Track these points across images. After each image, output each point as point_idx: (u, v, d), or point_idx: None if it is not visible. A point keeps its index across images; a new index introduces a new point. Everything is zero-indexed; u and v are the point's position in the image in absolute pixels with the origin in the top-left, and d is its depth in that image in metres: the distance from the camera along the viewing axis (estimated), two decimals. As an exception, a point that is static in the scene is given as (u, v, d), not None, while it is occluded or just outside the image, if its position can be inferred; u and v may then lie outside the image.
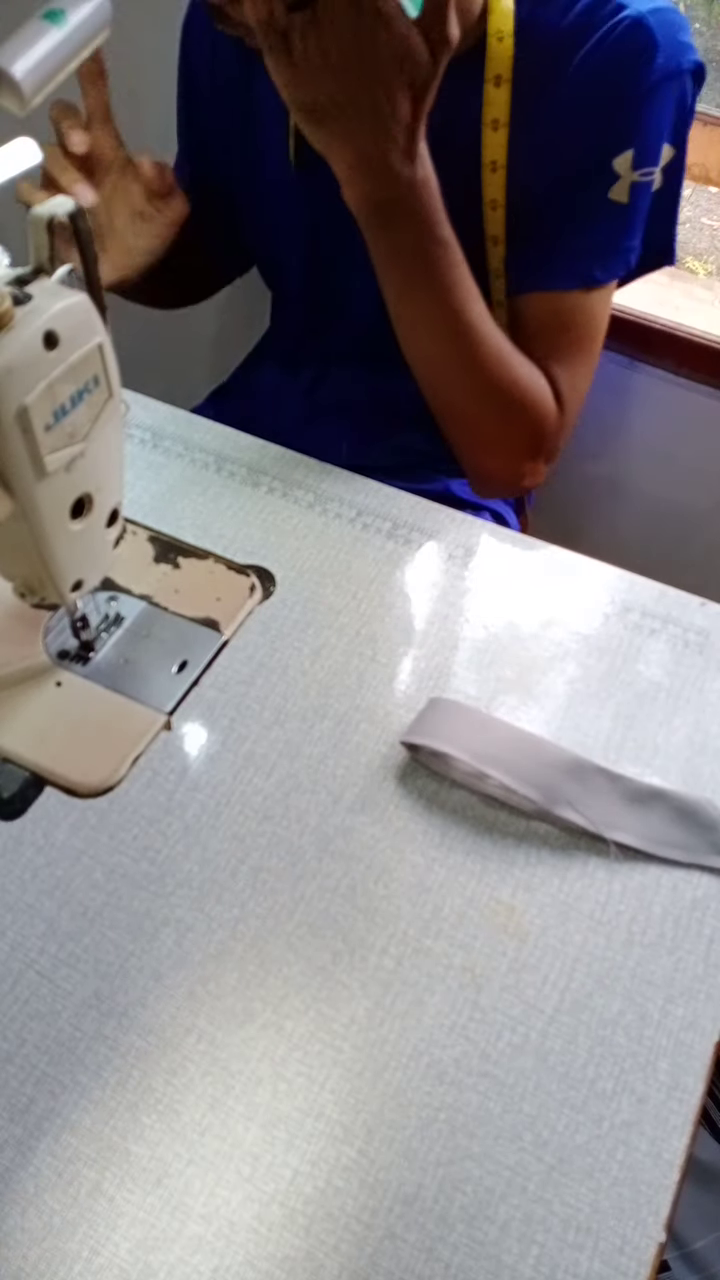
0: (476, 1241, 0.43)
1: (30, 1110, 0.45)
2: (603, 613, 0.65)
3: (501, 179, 0.72)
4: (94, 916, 0.51)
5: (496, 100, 0.69)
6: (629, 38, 0.66)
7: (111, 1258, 0.42)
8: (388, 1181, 0.44)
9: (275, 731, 0.58)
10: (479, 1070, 0.47)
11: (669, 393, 1.05)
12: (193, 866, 0.52)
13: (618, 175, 0.70)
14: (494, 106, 0.69)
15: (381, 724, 0.59)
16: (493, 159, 0.71)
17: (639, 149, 0.69)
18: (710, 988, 0.50)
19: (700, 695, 0.61)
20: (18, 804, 0.54)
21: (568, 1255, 0.42)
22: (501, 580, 0.67)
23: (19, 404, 0.42)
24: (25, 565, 0.51)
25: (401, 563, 0.67)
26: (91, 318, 0.45)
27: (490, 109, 0.69)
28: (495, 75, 0.68)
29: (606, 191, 0.71)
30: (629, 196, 0.71)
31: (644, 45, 0.66)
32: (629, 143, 0.69)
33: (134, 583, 0.65)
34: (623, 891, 0.53)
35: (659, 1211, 0.44)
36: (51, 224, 0.43)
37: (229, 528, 0.69)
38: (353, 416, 0.88)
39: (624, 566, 0.68)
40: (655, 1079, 0.47)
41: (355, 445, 0.85)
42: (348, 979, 0.49)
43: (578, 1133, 0.45)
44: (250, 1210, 0.43)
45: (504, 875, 0.53)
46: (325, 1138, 0.45)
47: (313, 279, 0.86)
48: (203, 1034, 0.47)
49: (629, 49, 0.66)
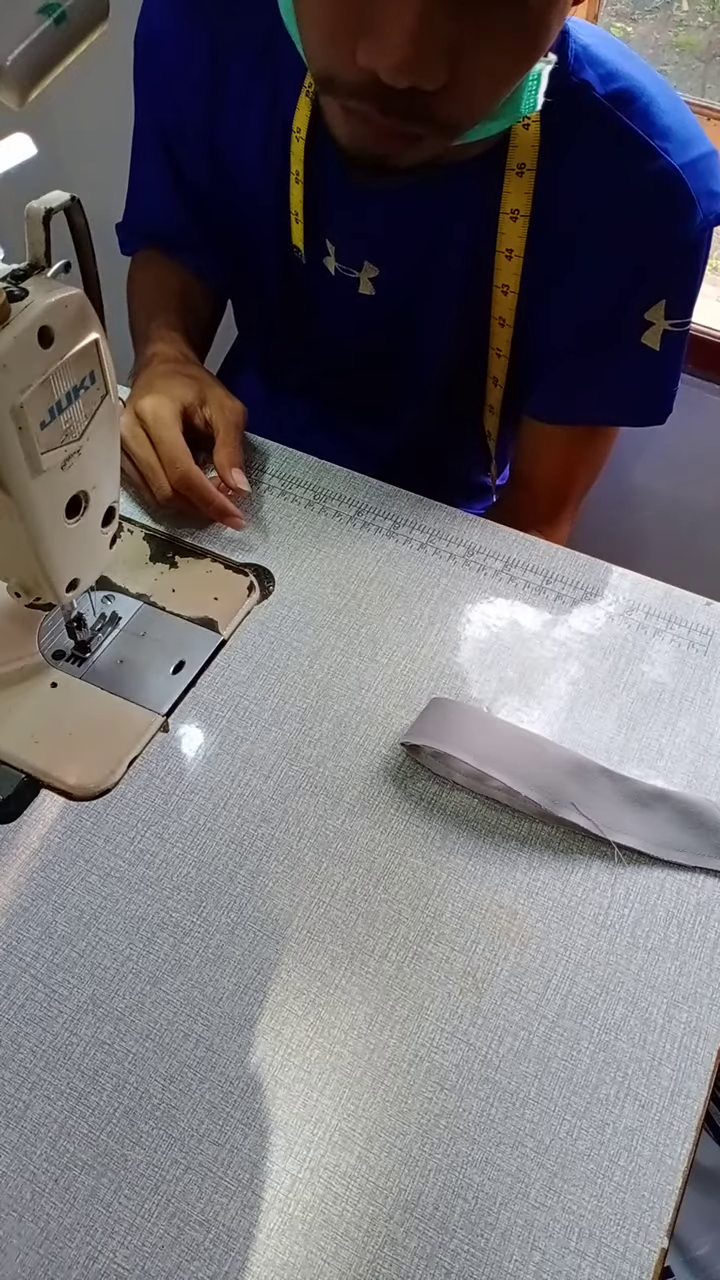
0: (477, 1248, 0.42)
1: (26, 1115, 0.45)
2: (606, 612, 0.65)
3: (513, 300, 0.70)
4: (90, 920, 0.50)
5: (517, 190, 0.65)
6: (666, 193, 0.63)
7: (109, 1264, 0.41)
8: (387, 1188, 0.43)
9: (274, 733, 0.58)
10: (480, 1076, 0.46)
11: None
12: (190, 870, 0.52)
13: (650, 323, 0.69)
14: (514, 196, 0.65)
15: (381, 725, 0.58)
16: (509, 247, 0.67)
17: (672, 301, 0.68)
18: (714, 992, 0.49)
19: (705, 696, 0.60)
20: (13, 807, 0.53)
21: (569, 1261, 0.42)
22: (504, 579, 0.66)
23: (14, 401, 0.41)
24: (20, 564, 0.50)
25: (402, 562, 0.67)
26: (87, 314, 0.44)
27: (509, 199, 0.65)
28: (519, 164, 0.64)
29: (639, 336, 0.69)
30: (660, 344, 0.69)
31: (682, 204, 0.63)
32: (662, 294, 0.67)
33: (130, 582, 0.64)
34: (626, 895, 0.52)
35: (661, 1217, 0.43)
36: (48, 218, 0.43)
37: (227, 527, 0.69)
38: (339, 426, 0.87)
39: (628, 565, 0.68)
40: (658, 1084, 0.46)
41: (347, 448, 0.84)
42: (347, 984, 0.49)
43: (580, 1139, 0.45)
44: (248, 1217, 0.42)
45: (505, 879, 0.52)
46: (324, 1144, 0.44)
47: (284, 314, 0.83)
48: (200, 1039, 0.47)
49: (665, 205, 0.64)
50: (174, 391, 0.68)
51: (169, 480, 0.65)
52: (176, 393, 0.68)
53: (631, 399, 0.75)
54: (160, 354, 0.73)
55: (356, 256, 0.72)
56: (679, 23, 1.28)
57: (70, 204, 0.43)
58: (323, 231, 0.72)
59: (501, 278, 0.69)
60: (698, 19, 1.26)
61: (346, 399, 0.84)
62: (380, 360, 0.79)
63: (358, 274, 0.73)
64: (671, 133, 0.63)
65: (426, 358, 0.77)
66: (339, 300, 0.76)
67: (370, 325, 0.76)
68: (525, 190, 0.64)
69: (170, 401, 0.67)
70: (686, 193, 0.63)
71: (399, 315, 0.74)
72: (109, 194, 0.82)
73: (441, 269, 0.70)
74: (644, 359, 0.70)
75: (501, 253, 0.67)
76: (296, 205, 0.71)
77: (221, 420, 0.68)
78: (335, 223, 0.71)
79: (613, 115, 0.62)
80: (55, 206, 0.42)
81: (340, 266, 0.73)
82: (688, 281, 0.68)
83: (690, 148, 0.63)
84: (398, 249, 0.71)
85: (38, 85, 0.46)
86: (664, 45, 1.27)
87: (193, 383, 0.69)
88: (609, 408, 0.76)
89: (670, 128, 0.63)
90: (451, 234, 0.68)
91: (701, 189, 0.64)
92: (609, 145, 0.63)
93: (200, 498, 0.65)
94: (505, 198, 0.65)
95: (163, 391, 0.67)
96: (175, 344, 0.75)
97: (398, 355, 0.78)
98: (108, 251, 0.55)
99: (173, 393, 0.68)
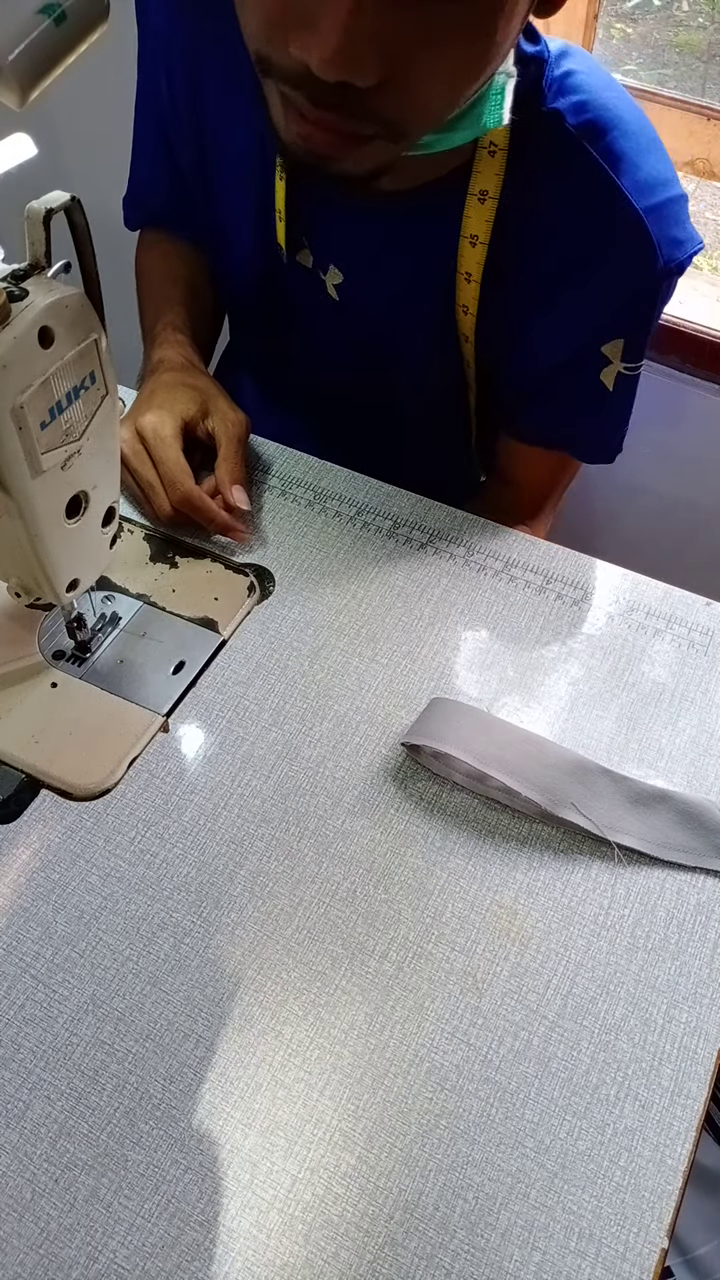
0: (477, 1249, 0.42)
1: (26, 1116, 0.45)
2: (606, 612, 0.65)
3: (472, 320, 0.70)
4: (90, 921, 0.50)
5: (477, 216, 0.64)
6: (627, 236, 0.62)
7: (109, 1264, 0.41)
8: (388, 1188, 0.43)
9: (274, 733, 0.58)
10: (480, 1076, 0.46)
11: (673, 389, 1.05)
12: (190, 870, 0.52)
13: (608, 360, 0.68)
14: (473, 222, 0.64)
15: (381, 725, 0.58)
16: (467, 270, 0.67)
17: (629, 343, 0.67)
18: (714, 993, 0.49)
19: (705, 696, 0.60)
20: (13, 806, 0.53)
21: (570, 1262, 0.42)
22: (504, 579, 0.66)
23: (14, 401, 0.41)
24: (20, 565, 0.50)
25: (402, 561, 0.67)
26: (88, 314, 0.44)
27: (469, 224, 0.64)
28: (481, 191, 0.63)
29: (598, 373, 0.69)
30: (614, 384, 0.70)
31: (643, 249, 0.62)
32: (620, 333, 0.67)
33: (130, 582, 0.64)
34: (626, 895, 0.52)
35: (662, 1218, 0.43)
36: (48, 218, 0.43)
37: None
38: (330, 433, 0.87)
39: (628, 565, 0.68)
40: (658, 1084, 0.46)
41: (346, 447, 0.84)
42: (347, 984, 0.49)
43: (580, 1139, 0.45)
44: (249, 1217, 0.42)
45: (505, 879, 0.52)
46: (324, 1144, 0.44)
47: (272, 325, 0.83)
48: (200, 1039, 0.47)
49: (625, 248, 0.63)
50: (176, 406, 0.68)
51: (169, 501, 0.65)
52: (179, 407, 0.68)
53: (584, 434, 0.75)
54: (166, 361, 0.73)
55: (324, 258, 0.72)
56: (679, 23, 1.28)
57: (70, 204, 0.43)
58: (299, 229, 0.72)
59: (462, 298, 0.69)
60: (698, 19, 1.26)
61: (333, 404, 0.84)
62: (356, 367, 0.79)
63: (324, 277, 0.73)
64: (640, 172, 0.61)
65: (399, 368, 0.77)
66: (312, 300, 0.75)
67: (340, 329, 0.76)
68: (485, 218, 0.64)
69: (171, 418, 0.66)
70: (648, 238, 0.62)
71: (366, 324, 0.75)
72: (109, 194, 0.82)
73: (404, 284, 0.70)
74: (598, 395, 0.71)
75: (461, 274, 0.67)
76: (280, 203, 0.70)
77: (224, 433, 0.68)
78: (309, 222, 0.71)
79: (581, 148, 0.61)
80: (55, 206, 0.42)
81: (316, 262, 0.73)
82: (644, 325, 0.67)
83: (657, 191, 0.62)
84: (362, 260, 0.71)
85: (38, 85, 0.46)
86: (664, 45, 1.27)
87: (195, 394, 0.69)
88: (562, 438, 0.76)
89: (639, 166, 0.61)
90: (414, 251, 0.68)
91: (663, 236, 0.62)
92: (574, 178, 0.62)
93: (203, 518, 0.65)
94: (465, 222, 0.64)
95: (164, 406, 0.67)
96: (181, 348, 0.75)
97: (371, 363, 0.78)
98: (108, 251, 0.54)
99: (175, 407, 0.67)
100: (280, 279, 0.76)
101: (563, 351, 0.70)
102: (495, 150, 0.61)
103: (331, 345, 0.79)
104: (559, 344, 0.69)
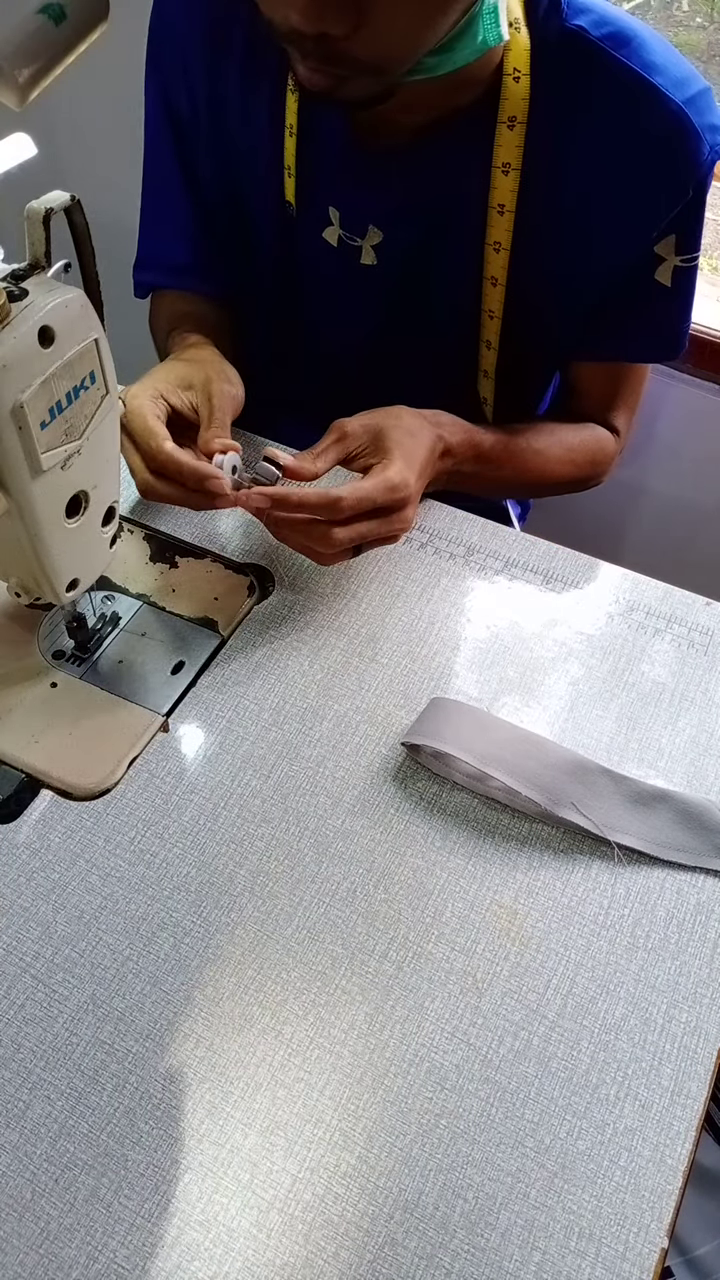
0: (477, 1248, 0.42)
1: (26, 1115, 0.45)
2: (606, 612, 0.65)
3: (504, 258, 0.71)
4: (90, 920, 0.50)
5: (508, 143, 0.66)
6: (672, 130, 0.64)
7: (109, 1264, 0.41)
8: (388, 1188, 0.43)
9: (273, 733, 0.58)
10: (480, 1076, 0.46)
11: (674, 388, 1.05)
12: (190, 870, 0.52)
13: (662, 258, 0.70)
14: (505, 150, 0.66)
15: (381, 725, 0.58)
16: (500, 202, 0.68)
17: (681, 236, 0.69)
18: (714, 992, 0.49)
19: (705, 696, 0.60)
20: (13, 806, 0.53)
21: (570, 1262, 0.42)
22: (504, 579, 0.66)
23: (14, 400, 0.41)
24: (20, 564, 0.50)
25: (402, 561, 0.67)
26: (88, 313, 0.44)
27: (501, 152, 0.66)
28: (509, 117, 0.65)
29: (653, 273, 0.70)
30: (672, 280, 0.71)
31: (689, 140, 0.64)
32: (673, 229, 0.68)
33: (130, 582, 0.64)
34: (626, 895, 0.52)
35: (662, 1218, 0.43)
36: (48, 218, 0.43)
37: (227, 526, 0.69)
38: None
39: (628, 565, 0.68)
40: (658, 1084, 0.46)
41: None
42: (347, 984, 0.49)
43: (580, 1139, 0.45)
44: (249, 1217, 0.42)
45: (505, 879, 0.52)
46: (324, 1144, 0.44)
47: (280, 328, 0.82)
48: (200, 1039, 0.47)
49: (672, 142, 0.64)
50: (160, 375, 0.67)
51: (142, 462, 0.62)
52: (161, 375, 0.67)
53: (646, 334, 0.76)
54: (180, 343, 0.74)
55: (361, 222, 0.72)
56: (679, 23, 1.28)
57: (70, 204, 0.43)
58: (326, 199, 0.72)
59: (494, 234, 0.69)
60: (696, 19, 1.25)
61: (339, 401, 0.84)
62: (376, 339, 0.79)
63: (360, 241, 0.73)
64: (668, 71, 0.64)
65: (424, 329, 0.77)
66: (340, 275, 0.75)
67: (370, 297, 0.76)
68: (516, 144, 0.65)
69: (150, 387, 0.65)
70: (692, 128, 0.64)
71: (399, 284, 0.75)
72: (109, 194, 0.82)
73: (442, 230, 0.71)
74: (657, 294, 0.72)
75: (494, 208, 0.68)
76: (290, 160, 0.71)
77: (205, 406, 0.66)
78: (339, 187, 0.72)
79: (611, 58, 0.63)
80: (55, 206, 0.42)
81: (345, 234, 0.73)
82: (696, 215, 0.69)
83: (688, 85, 0.64)
84: (401, 209, 0.71)
85: (38, 85, 0.46)
86: (664, 45, 1.27)
87: (190, 367, 0.68)
88: (625, 343, 0.77)
89: (666, 67, 0.64)
90: (451, 191, 0.69)
91: (704, 124, 0.65)
92: (610, 87, 0.64)
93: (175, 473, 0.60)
94: (496, 151, 0.66)
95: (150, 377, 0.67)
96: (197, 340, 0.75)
97: (396, 328, 0.78)
98: (108, 251, 0.54)
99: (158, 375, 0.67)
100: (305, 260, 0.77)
101: (614, 263, 0.70)
102: (519, 76, 0.63)
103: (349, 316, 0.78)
104: (609, 257, 0.70)
